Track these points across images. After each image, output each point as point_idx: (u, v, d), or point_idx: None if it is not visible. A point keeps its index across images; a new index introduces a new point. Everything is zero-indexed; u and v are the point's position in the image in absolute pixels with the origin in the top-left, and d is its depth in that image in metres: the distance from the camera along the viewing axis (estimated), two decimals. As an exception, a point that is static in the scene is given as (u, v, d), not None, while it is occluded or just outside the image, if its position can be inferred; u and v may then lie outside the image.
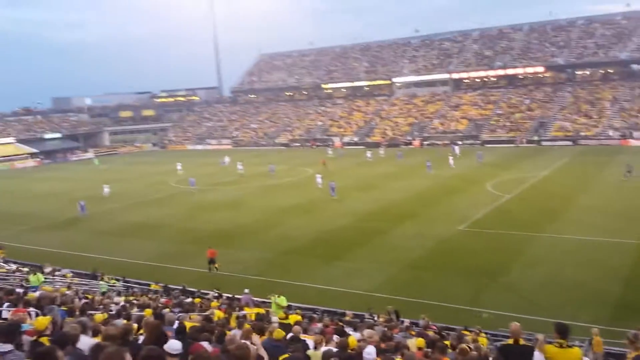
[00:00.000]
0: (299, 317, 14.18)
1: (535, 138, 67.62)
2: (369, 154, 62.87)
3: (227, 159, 63.61)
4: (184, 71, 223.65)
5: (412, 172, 49.19)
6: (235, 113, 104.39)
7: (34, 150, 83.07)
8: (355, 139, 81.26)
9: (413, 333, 12.71)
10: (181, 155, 76.96)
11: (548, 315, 15.80)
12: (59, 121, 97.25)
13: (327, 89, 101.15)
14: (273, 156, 70.16)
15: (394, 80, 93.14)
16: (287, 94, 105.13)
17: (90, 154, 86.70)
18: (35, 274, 19.95)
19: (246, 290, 19.50)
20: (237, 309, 16.06)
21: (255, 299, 19.34)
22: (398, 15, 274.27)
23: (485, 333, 14.77)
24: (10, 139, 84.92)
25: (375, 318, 16.28)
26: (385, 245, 26.91)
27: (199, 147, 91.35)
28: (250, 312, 15.65)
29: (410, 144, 74.83)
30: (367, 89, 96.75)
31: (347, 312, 18.09)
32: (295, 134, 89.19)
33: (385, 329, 13.02)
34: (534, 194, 36.76)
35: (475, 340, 11.69)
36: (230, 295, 19.78)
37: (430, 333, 12.87)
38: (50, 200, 43.50)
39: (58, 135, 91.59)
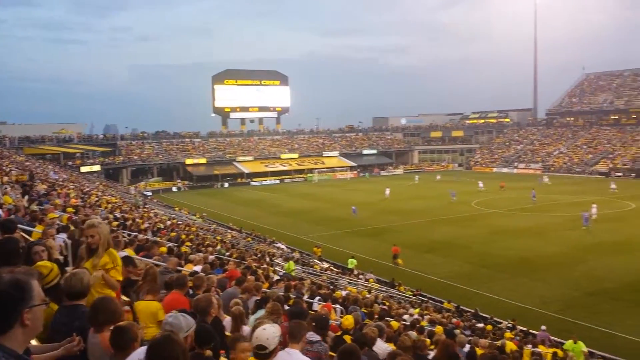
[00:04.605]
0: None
1: None
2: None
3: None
4: (496, 93, 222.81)
5: None
6: (548, 136, 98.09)
7: (353, 164, 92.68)
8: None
9: None
10: (484, 177, 76.07)
11: None
12: (376, 139, 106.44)
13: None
14: (590, 184, 63.71)
15: None
16: (613, 117, 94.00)
17: (399, 170, 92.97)
18: (288, 262, 23.10)
19: (543, 327, 18.22)
20: (531, 345, 15.05)
21: (553, 338, 17.84)
22: None
23: None
24: (335, 153, 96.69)
25: None
26: None
27: (505, 169, 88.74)
28: (546, 351, 14.48)
29: None
30: None
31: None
32: (616, 162, 79.22)
33: None
34: None
35: None
36: (524, 329, 18.71)
37: None
38: (361, 209, 47.98)
39: (374, 151, 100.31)
